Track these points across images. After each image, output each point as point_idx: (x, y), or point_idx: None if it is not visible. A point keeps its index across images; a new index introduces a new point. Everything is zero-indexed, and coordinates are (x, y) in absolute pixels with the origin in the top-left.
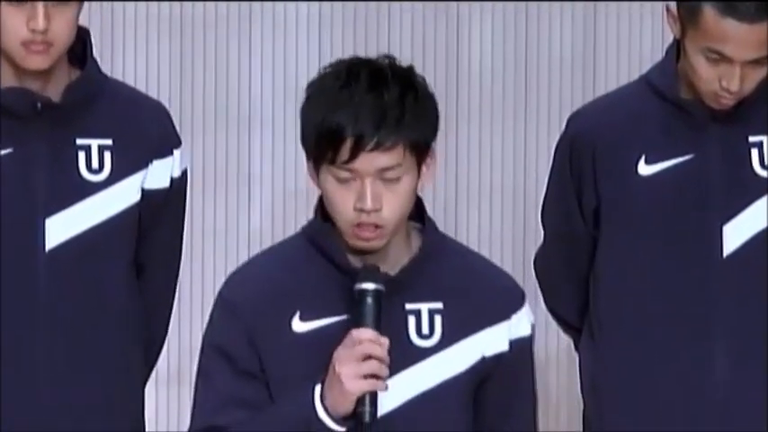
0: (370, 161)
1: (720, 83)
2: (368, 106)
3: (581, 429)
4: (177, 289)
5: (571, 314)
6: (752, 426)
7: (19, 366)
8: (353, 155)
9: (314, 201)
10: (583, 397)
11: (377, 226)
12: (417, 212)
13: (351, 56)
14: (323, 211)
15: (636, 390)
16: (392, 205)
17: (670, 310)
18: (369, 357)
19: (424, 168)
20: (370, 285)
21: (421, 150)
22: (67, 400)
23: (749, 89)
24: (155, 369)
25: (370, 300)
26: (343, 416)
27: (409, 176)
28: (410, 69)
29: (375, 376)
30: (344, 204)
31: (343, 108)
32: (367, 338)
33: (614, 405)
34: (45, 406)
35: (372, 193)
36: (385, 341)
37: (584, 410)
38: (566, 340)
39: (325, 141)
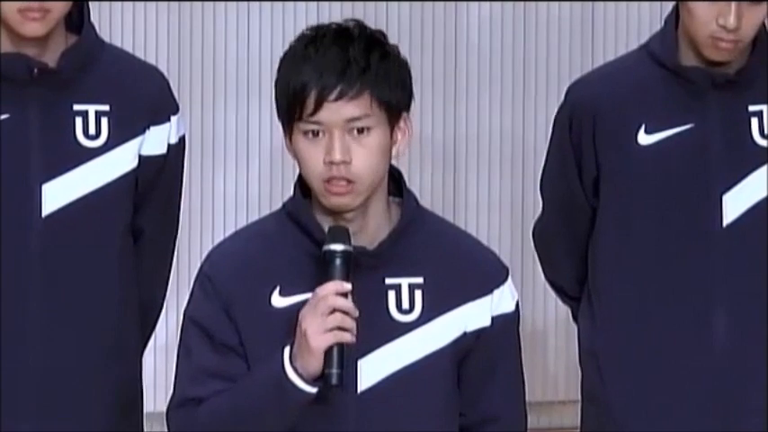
0: (335, 111)
1: (717, 21)
2: (331, 59)
3: (579, 398)
4: (176, 261)
5: (570, 283)
6: (750, 393)
7: (14, 332)
8: (318, 105)
9: None
10: (581, 366)
11: (348, 181)
12: (397, 187)
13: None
14: (302, 186)
15: (634, 359)
16: (362, 159)
17: (669, 279)
18: (333, 311)
19: (398, 134)
20: (338, 246)
21: (392, 110)
22: (62, 366)
23: (747, 32)
24: (155, 342)
25: (338, 261)
26: (314, 376)
27: (379, 131)
28: (379, 32)
29: (340, 329)
30: (314, 159)
31: (306, 63)
32: (329, 291)
33: (613, 374)
34: (39, 372)
35: (341, 145)
36: (348, 287)
37: (582, 380)
38: (563, 310)
39: (291, 99)
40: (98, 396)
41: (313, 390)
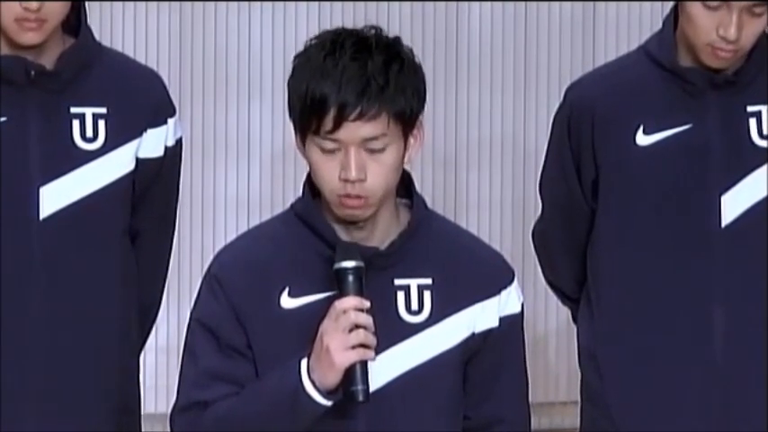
0: (354, 131)
1: (718, 31)
2: (351, 75)
3: (579, 399)
4: (177, 261)
5: (569, 285)
6: (750, 394)
7: (14, 334)
8: (337, 124)
9: None
10: (580, 367)
11: (362, 196)
12: (406, 189)
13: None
14: (311, 187)
15: (633, 359)
16: (377, 176)
17: (668, 280)
18: (355, 327)
19: (411, 140)
20: (349, 263)
21: (406, 121)
22: (62, 367)
23: (747, 42)
24: (156, 342)
25: (351, 278)
26: (330, 389)
27: (394, 147)
28: (396, 40)
29: (363, 345)
30: (329, 175)
31: (326, 77)
32: (351, 306)
33: (612, 375)
34: (40, 374)
35: (357, 164)
36: (367, 304)
37: (581, 380)
38: (564, 312)
39: (309, 111)
40: (98, 397)
41: (329, 403)
